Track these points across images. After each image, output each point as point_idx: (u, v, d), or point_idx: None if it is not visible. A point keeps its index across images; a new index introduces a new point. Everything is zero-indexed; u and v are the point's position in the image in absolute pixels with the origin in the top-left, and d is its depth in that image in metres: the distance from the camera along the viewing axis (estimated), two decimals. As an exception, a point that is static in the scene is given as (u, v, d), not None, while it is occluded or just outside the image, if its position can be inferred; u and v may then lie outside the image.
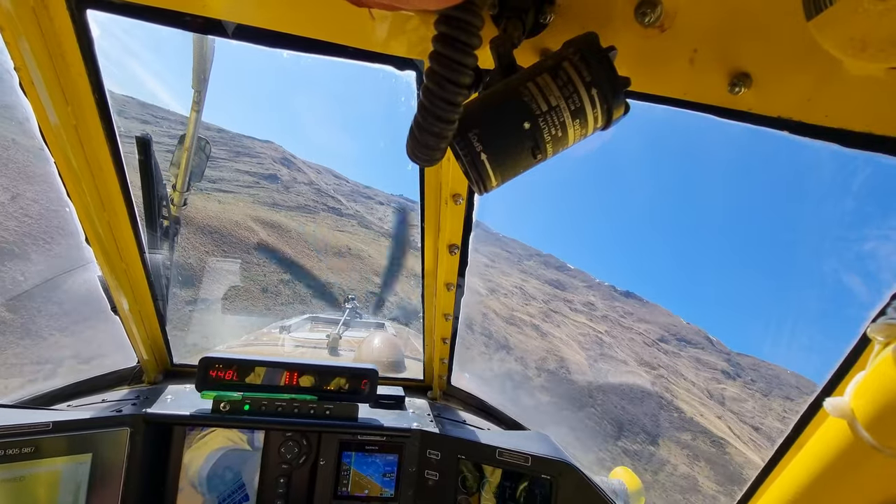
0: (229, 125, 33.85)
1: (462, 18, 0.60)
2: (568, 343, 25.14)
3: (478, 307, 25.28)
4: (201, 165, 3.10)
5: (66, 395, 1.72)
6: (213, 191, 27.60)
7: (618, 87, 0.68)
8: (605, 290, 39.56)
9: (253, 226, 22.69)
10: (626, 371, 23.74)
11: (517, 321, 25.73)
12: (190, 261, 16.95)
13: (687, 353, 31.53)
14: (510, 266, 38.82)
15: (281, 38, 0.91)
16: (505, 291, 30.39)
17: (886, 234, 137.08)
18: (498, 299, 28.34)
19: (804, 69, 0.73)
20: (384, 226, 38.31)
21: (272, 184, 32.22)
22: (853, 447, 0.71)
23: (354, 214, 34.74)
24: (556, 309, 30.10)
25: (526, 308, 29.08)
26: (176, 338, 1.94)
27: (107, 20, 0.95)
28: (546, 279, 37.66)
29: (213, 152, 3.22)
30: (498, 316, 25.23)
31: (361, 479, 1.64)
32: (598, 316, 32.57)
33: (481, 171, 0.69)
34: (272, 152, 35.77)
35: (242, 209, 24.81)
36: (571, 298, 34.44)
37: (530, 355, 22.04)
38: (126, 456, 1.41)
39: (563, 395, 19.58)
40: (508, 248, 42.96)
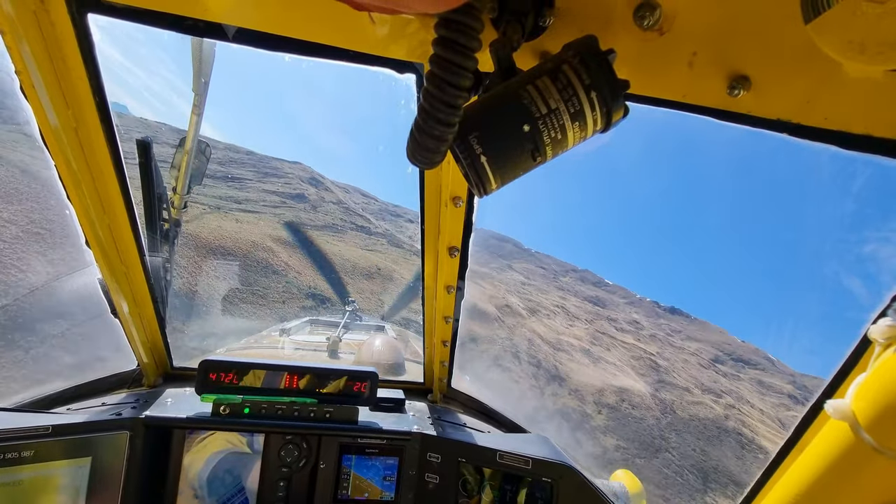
0: (258, 147, 34.70)
1: (462, 22, 0.60)
2: (622, 369, 22.85)
3: (521, 331, 23.02)
4: (201, 168, 3.11)
5: (66, 399, 1.72)
6: (239, 211, 27.00)
7: (617, 89, 0.68)
8: (647, 306, 36.61)
9: (273, 246, 21.94)
10: (693, 402, 21.11)
11: (565, 346, 23.33)
12: (197, 288, 16.35)
13: (747, 374, 28.70)
14: (546, 283, 37.03)
15: (281, 42, 0.91)
16: (546, 311, 28.55)
17: (887, 237, 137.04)
18: (541, 321, 26.10)
19: (803, 72, 0.73)
20: (415, 244, 37.14)
21: (299, 203, 31.44)
22: (854, 449, 0.71)
23: (384, 233, 33.64)
24: (603, 329, 28.26)
25: (571, 330, 26.88)
26: (175, 341, 1.93)
27: (107, 24, 0.96)
28: (585, 296, 35.81)
29: (240, 174, 3.22)
30: (544, 341, 22.86)
31: (361, 482, 1.63)
32: (646, 335, 30.28)
33: (481, 173, 0.69)
34: (300, 172, 35.17)
35: (263, 229, 24.24)
36: (615, 317, 32.19)
37: (585, 387, 19.49)
38: (125, 459, 1.41)
39: (632, 437, 16.90)
40: (543, 264, 40.79)
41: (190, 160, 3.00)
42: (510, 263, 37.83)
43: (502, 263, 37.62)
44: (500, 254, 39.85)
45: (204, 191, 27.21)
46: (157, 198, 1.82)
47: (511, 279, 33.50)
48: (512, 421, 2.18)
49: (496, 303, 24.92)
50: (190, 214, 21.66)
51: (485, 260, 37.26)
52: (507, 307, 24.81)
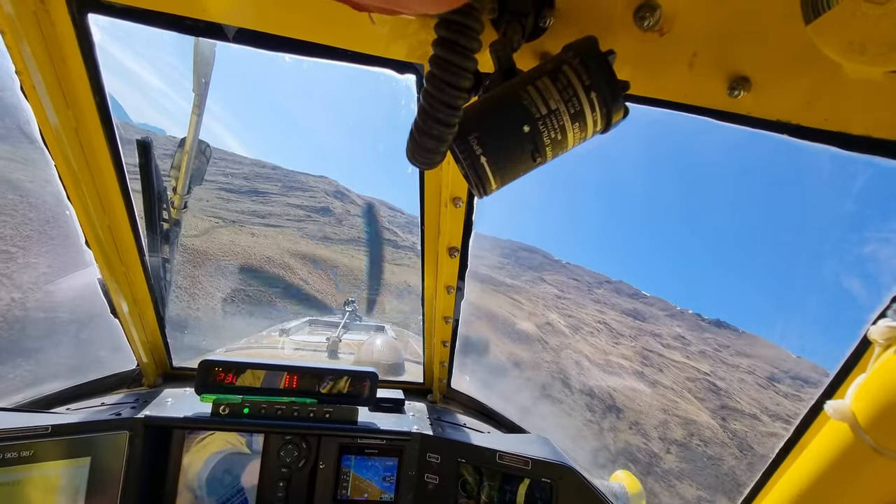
0: (284, 162, 33.05)
1: (462, 22, 0.60)
2: (681, 394, 20.50)
3: (567, 353, 21.06)
4: (202, 168, 3.11)
5: (65, 399, 1.72)
6: (261, 225, 26.22)
7: (617, 90, 0.68)
8: (690, 319, 34.30)
9: (291, 262, 20.89)
10: (767, 433, 18.65)
11: (615, 368, 21.32)
12: (199, 312, 15.57)
13: (808, 394, 25.38)
14: (582, 296, 35.21)
15: (281, 42, 0.91)
16: (589, 329, 26.72)
17: (886, 237, 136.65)
18: (585, 339, 24.55)
19: (803, 73, 0.73)
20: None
21: (324, 217, 30.86)
22: (854, 449, 0.71)
23: (411, 247, 32.35)
24: (650, 347, 26.12)
25: (618, 349, 24.95)
26: (175, 340, 1.93)
27: (108, 24, 0.96)
28: (623, 309, 33.67)
29: (265, 188, 3.19)
30: (592, 363, 20.97)
31: (361, 482, 1.63)
32: (694, 352, 27.64)
33: (481, 174, 0.69)
34: (325, 186, 34.74)
35: (282, 243, 23.40)
36: (659, 331, 30.05)
37: (646, 418, 17.17)
38: (125, 459, 1.40)
39: (713, 484, 14.20)
40: (575, 276, 38.97)
41: (190, 160, 2.99)
42: (542, 276, 36.56)
43: (534, 276, 36.34)
44: (529, 265, 38.62)
45: (226, 205, 26.86)
46: (157, 198, 1.82)
47: (545, 293, 32.15)
48: (511, 421, 2.18)
49: (536, 321, 23.56)
50: (199, 228, 21.31)
51: (516, 272, 36.04)
52: (548, 325, 23.54)
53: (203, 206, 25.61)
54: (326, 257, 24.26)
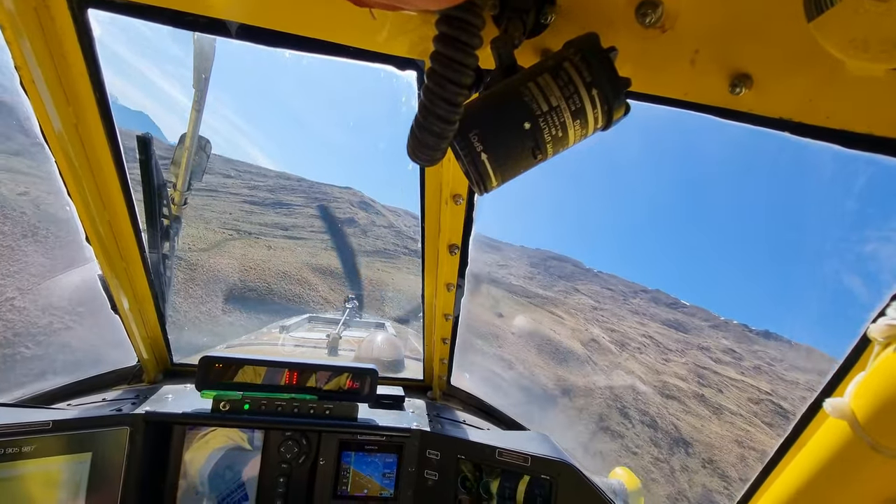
0: (310, 174, 30.97)
1: (463, 18, 0.60)
2: (749, 420, 18.51)
3: (618, 374, 19.12)
4: (202, 164, 3.11)
5: (66, 394, 1.72)
6: (283, 238, 25.21)
7: (618, 87, 0.68)
8: (735, 330, 32.18)
9: (310, 277, 20.09)
10: None
11: (673, 391, 18.97)
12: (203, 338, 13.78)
13: None
14: (619, 306, 33.36)
15: (282, 38, 0.91)
16: (636, 344, 24.71)
17: (887, 236, 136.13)
18: (635, 358, 22.42)
19: (805, 70, 0.73)
20: (473, 268, 35.28)
21: (349, 228, 30.07)
22: (853, 448, 0.71)
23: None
24: (701, 363, 24.09)
25: (670, 367, 22.68)
26: (176, 337, 1.94)
27: (108, 19, 0.95)
28: (663, 320, 31.79)
29: (289, 200, 3.15)
30: (647, 385, 18.80)
31: (361, 478, 1.64)
32: (748, 368, 25.91)
33: (481, 171, 0.69)
34: (350, 196, 34.17)
35: (300, 256, 22.22)
36: (706, 344, 27.97)
37: (720, 453, 14.87)
38: (126, 455, 1.41)
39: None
40: (609, 285, 37.15)
41: (190, 156, 2.99)
42: (575, 286, 35.08)
43: (567, 286, 34.75)
44: (560, 275, 37.08)
45: (249, 218, 26.23)
46: (157, 194, 1.82)
47: (581, 304, 30.62)
48: (512, 418, 2.19)
49: (580, 337, 21.84)
50: (208, 241, 20.75)
51: (548, 283, 34.64)
52: (593, 342, 21.75)
53: (225, 220, 25.03)
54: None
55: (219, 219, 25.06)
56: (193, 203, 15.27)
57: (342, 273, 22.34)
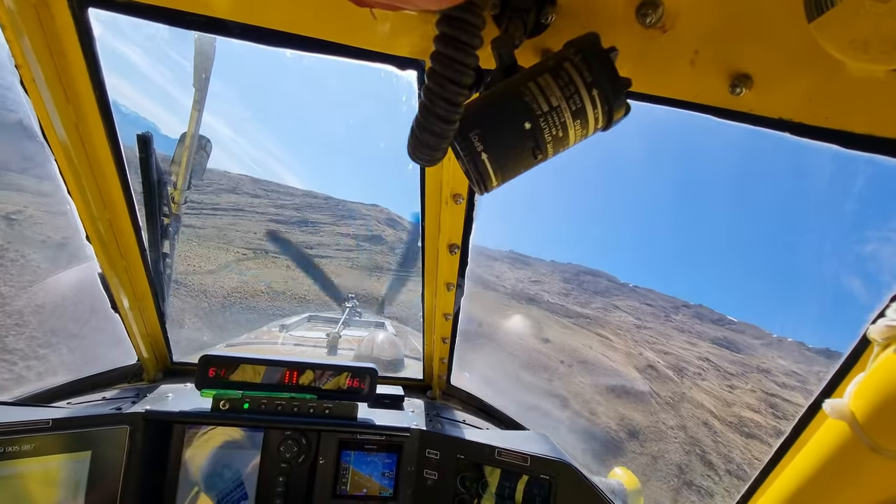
0: (337, 193, 30.14)
1: (463, 18, 0.60)
2: None
3: (687, 409, 16.99)
4: (202, 163, 3.11)
5: (66, 393, 1.72)
6: (310, 257, 24.44)
7: (619, 87, 0.68)
8: (791, 348, 29.79)
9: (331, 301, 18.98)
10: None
11: (751, 428, 16.90)
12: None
13: None
14: (662, 324, 31.00)
15: (283, 38, 0.91)
16: (694, 369, 22.17)
17: (887, 236, 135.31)
18: (697, 385, 20.21)
19: (805, 71, 0.73)
20: (504, 284, 31.14)
21: (376, 245, 29.10)
22: (852, 449, 0.71)
23: (470, 275, 31.10)
24: (770, 390, 21.64)
25: (738, 395, 20.51)
26: (175, 335, 1.94)
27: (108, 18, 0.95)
28: (712, 338, 29.40)
29: (315, 219, 3.12)
30: (722, 422, 16.69)
31: (360, 478, 1.64)
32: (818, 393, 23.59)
33: (482, 170, 0.69)
34: (377, 213, 33.59)
35: (325, 276, 21.35)
36: (766, 366, 25.49)
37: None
38: (125, 454, 1.41)
39: None
40: (648, 300, 34.83)
41: (190, 156, 2.99)
42: (612, 302, 33.37)
43: (605, 303, 33.01)
44: (596, 291, 35.44)
45: (278, 239, 25.61)
46: (157, 193, 1.82)
47: (623, 322, 28.74)
48: (511, 418, 2.19)
49: (636, 363, 19.88)
50: (218, 260, 20.35)
51: (585, 299, 32.84)
52: (650, 369, 19.66)
53: (249, 239, 24.47)
54: (377, 290, 21.43)
55: (242, 238, 24.63)
56: (218, 223, 14.72)
57: (369, 294, 20.81)
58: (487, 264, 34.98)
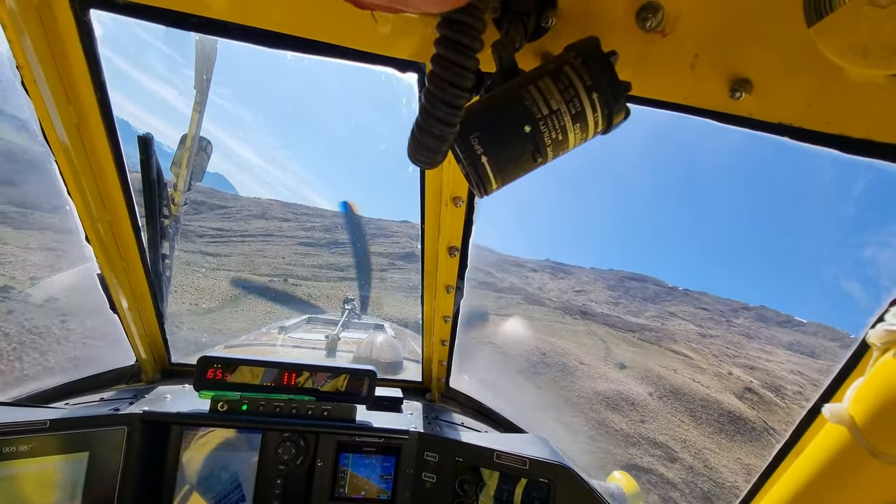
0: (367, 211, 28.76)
1: (464, 21, 0.60)
2: None
3: None
4: (202, 165, 3.11)
5: (64, 394, 1.72)
6: (338, 279, 22.77)
7: (619, 91, 0.68)
8: None
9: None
10: None
11: None
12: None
13: None
14: (727, 330, 28.31)
15: (284, 40, 0.91)
16: (792, 387, 18.85)
17: (886, 241, 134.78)
18: (802, 408, 9.56)
19: (805, 75, 0.73)
20: (549, 296, 28.36)
21: (410, 264, 27.56)
22: (852, 453, 0.71)
23: (512, 287, 26.93)
24: None
25: None
26: (174, 336, 1.93)
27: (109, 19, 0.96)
28: (787, 344, 26.87)
29: (345, 238, 3.08)
30: None
31: (359, 480, 1.63)
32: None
33: (482, 173, 0.69)
34: (409, 230, 32.79)
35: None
36: None
37: None
38: (123, 455, 1.41)
39: None
40: (703, 304, 32.25)
41: (191, 157, 3.00)
42: (666, 308, 31.23)
43: (659, 310, 30.87)
44: (645, 297, 33.30)
45: (303, 261, 24.57)
46: (157, 194, 1.82)
47: (685, 332, 26.01)
48: (510, 421, 2.18)
49: (731, 386, 16.42)
50: (225, 277, 19.52)
51: (637, 308, 30.55)
52: (749, 393, 16.09)
53: (276, 265, 23.58)
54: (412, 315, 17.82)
55: (270, 264, 23.85)
56: (244, 250, 13.96)
57: (406, 318, 17.97)
58: (526, 275, 33.40)
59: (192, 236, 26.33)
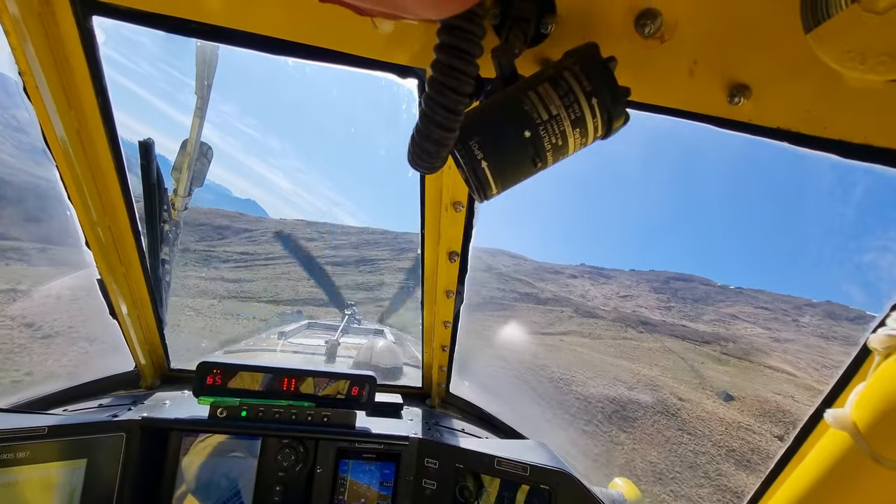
0: (392, 226, 27.15)
1: (464, 27, 0.60)
2: None
3: None
4: (203, 170, 3.12)
5: (63, 400, 1.71)
6: (367, 301, 21.20)
7: (618, 96, 0.68)
8: None
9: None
10: None
11: None
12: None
13: None
14: (802, 333, 25.39)
15: (284, 46, 0.92)
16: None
17: (886, 245, 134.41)
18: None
19: (803, 81, 0.74)
20: (594, 303, 26.21)
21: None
22: (855, 459, 0.70)
23: (556, 298, 23.71)
24: None
25: None
26: (173, 342, 1.93)
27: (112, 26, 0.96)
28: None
29: (373, 255, 3.05)
30: None
31: (358, 487, 1.62)
32: None
33: (481, 178, 0.69)
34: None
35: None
36: None
37: None
38: (121, 461, 1.40)
39: None
40: (764, 304, 28.56)
41: (192, 162, 3.00)
42: (722, 309, 28.24)
43: (717, 312, 27.94)
44: (695, 298, 30.60)
45: (338, 281, 22.84)
46: (158, 199, 1.82)
47: (756, 337, 22.72)
48: (511, 427, 2.17)
49: None
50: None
51: (692, 311, 27.74)
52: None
53: (300, 289, 22.17)
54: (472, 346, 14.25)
55: (293, 288, 22.55)
56: (266, 274, 12.64)
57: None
58: (566, 283, 31.28)
59: (215, 262, 25.67)
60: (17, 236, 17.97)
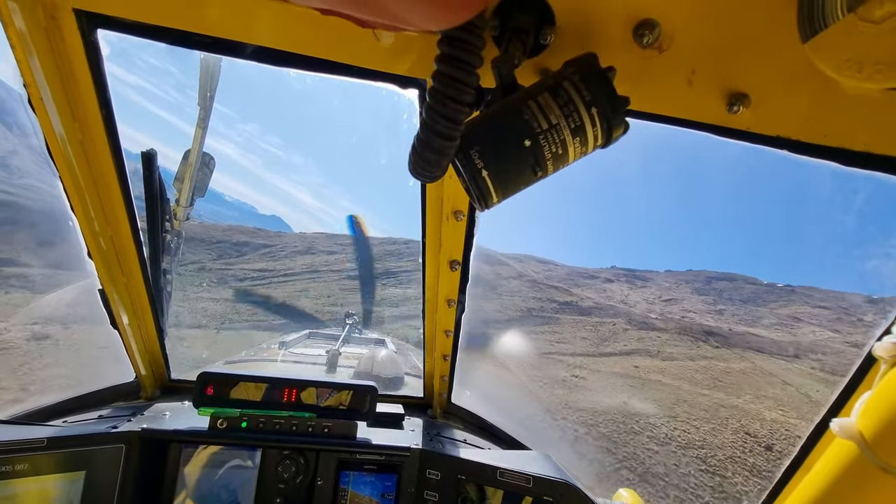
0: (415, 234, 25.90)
1: (464, 39, 0.61)
2: None
3: None
4: (205, 181, 3.14)
5: (62, 411, 1.70)
6: (394, 319, 19.21)
7: (617, 105, 0.69)
8: None
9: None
10: None
11: None
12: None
13: None
14: (869, 335, 19.85)
15: (287, 58, 0.93)
16: None
17: (889, 252, 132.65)
18: None
19: (802, 89, 0.74)
20: (636, 309, 23.15)
21: (475, 288, 25.77)
22: (861, 469, 0.69)
23: (599, 306, 21.19)
24: None
25: None
26: (173, 352, 1.92)
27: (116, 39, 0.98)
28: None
29: (397, 267, 2.98)
30: None
31: (360, 499, 1.60)
32: None
33: (482, 187, 0.69)
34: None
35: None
36: None
37: None
38: (120, 473, 1.39)
39: None
40: (821, 303, 26.13)
41: (194, 173, 3.02)
42: (780, 311, 25.60)
43: (777, 315, 25.41)
44: (743, 299, 28.17)
45: (350, 297, 21.63)
46: (160, 210, 1.83)
47: (828, 341, 20.41)
48: (513, 438, 2.15)
49: None
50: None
51: (747, 315, 24.89)
52: None
53: (320, 306, 20.88)
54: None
55: (313, 306, 21.28)
56: (286, 291, 11.95)
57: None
58: (603, 288, 28.89)
59: (231, 280, 24.73)
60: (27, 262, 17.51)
